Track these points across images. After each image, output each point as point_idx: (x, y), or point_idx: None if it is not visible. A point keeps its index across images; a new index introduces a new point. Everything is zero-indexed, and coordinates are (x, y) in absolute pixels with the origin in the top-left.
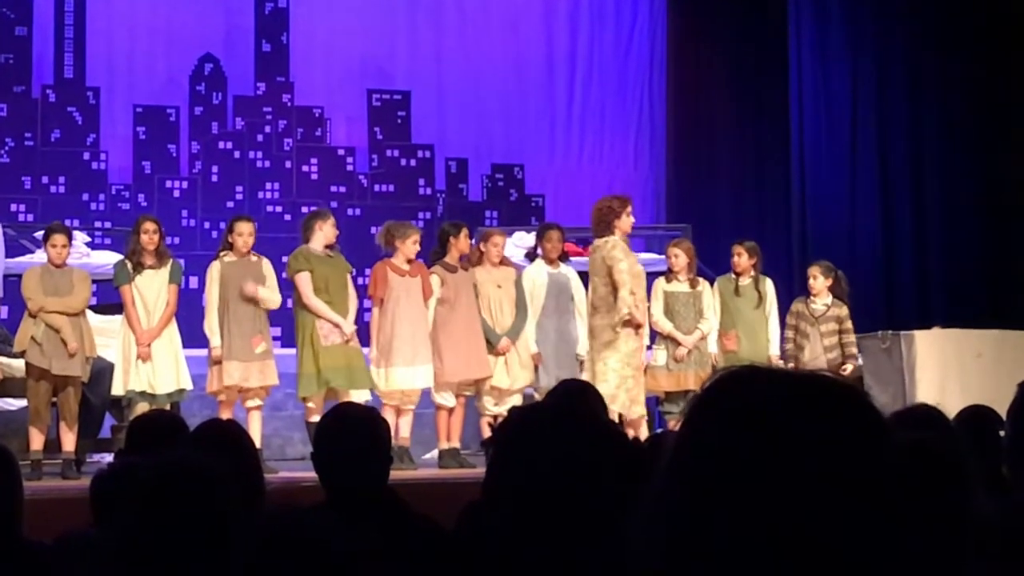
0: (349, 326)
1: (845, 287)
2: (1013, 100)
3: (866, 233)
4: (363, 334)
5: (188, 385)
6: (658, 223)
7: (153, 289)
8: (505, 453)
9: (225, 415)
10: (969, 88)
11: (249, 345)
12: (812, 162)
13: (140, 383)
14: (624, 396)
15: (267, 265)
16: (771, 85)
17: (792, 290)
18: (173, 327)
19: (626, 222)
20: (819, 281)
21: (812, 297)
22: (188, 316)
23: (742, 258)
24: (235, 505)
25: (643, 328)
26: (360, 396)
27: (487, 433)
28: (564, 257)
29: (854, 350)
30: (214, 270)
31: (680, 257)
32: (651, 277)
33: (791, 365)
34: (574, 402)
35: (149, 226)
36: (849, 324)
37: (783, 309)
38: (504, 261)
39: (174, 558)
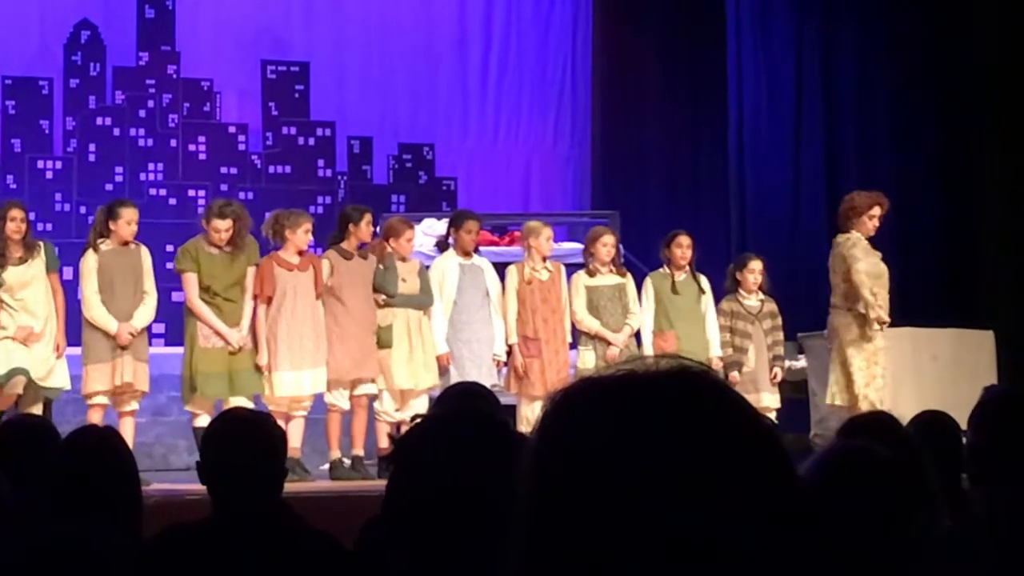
0: (235, 335)
1: (767, 281)
2: (971, 79)
3: (810, 222)
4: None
5: (66, 385)
6: (582, 210)
7: (27, 284)
8: (406, 465)
9: (95, 419)
10: (923, 65)
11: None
12: (752, 143)
13: (13, 363)
14: (874, 395)
15: (145, 254)
16: (707, 58)
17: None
18: (54, 320)
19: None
20: (762, 277)
21: (745, 293)
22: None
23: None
24: None
25: (885, 326)
26: (242, 401)
27: (385, 441)
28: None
29: (782, 350)
30: (90, 260)
31: (603, 248)
32: (573, 269)
33: (735, 372)
34: (478, 407)
35: (15, 213)
36: (780, 320)
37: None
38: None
39: None
